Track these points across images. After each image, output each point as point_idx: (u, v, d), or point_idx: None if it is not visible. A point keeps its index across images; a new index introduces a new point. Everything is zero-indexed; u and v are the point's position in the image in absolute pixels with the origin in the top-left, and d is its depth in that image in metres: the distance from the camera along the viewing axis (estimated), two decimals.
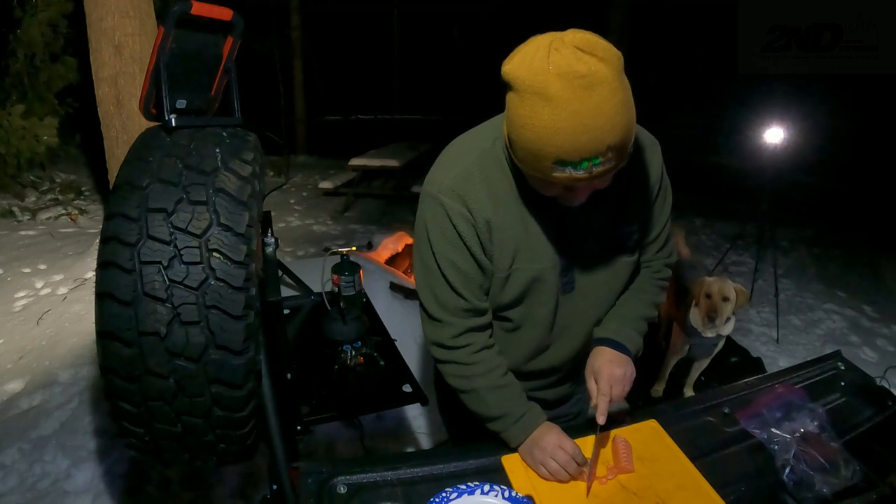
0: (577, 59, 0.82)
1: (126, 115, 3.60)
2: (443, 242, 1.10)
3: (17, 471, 2.26)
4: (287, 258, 4.43)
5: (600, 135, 0.83)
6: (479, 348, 1.17)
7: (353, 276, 1.59)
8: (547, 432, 1.13)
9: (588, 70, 0.81)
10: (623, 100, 0.85)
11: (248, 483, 2.25)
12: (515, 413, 1.15)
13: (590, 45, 0.83)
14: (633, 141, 0.91)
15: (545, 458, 1.10)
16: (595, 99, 0.82)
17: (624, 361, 1.16)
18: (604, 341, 1.19)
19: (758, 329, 3.85)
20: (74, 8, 5.17)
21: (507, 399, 1.17)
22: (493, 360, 1.18)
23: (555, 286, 1.15)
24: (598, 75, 0.82)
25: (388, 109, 9.99)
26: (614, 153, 0.87)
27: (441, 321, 1.15)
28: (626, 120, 0.86)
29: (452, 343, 1.16)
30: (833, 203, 6.66)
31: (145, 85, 1.15)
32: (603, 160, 0.86)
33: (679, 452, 1.15)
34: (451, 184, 1.07)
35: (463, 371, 1.18)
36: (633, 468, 1.11)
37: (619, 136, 0.85)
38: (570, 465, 1.08)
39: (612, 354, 1.17)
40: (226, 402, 0.99)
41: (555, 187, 0.97)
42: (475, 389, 1.17)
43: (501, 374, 1.18)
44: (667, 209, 1.22)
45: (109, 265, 0.92)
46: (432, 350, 1.21)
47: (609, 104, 0.83)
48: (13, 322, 3.39)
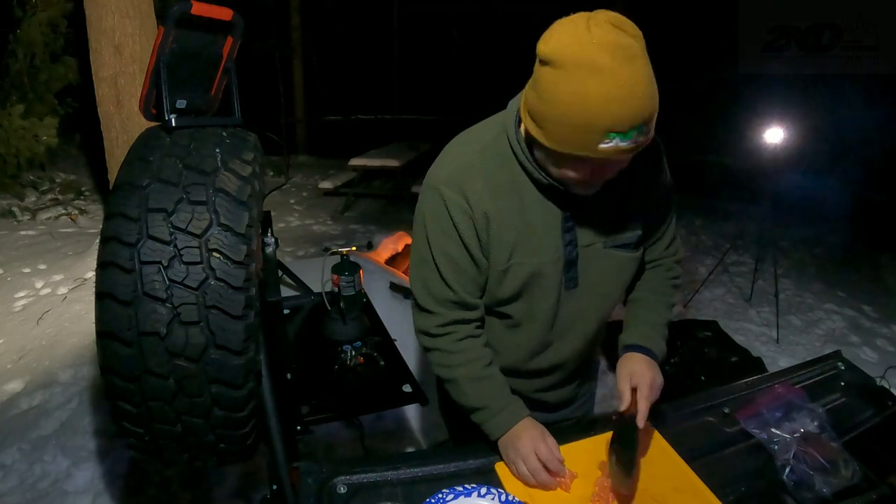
0: (616, 33, 0.85)
1: (126, 115, 3.60)
2: (439, 233, 1.11)
3: (17, 471, 2.26)
4: (287, 258, 4.43)
5: (645, 102, 0.87)
6: (463, 337, 1.17)
7: (353, 276, 1.59)
8: (524, 432, 1.11)
9: (626, 43, 0.85)
10: (653, 74, 0.89)
11: (248, 483, 2.25)
12: (495, 406, 1.15)
13: (620, 22, 0.87)
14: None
15: (517, 460, 1.09)
16: (637, 69, 0.86)
17: (655, 367, 1.16)
18: (635, 347, 1.18)
19: (758, 329, 3.85)
20: (74, 8, 5.17)
21: (488, 391, 1.17)
22: (475, 351, 1.18)
23: (556, 281, 1.14)
24: (634, 48, 0.86)
25: (388, 109, 9.98)
26: (649, 126, 0.90)
27: (429, 311, 1.17)
28: (656, 92, 0.89)
29: (437, 331, 1.17)
30: (833, 203, 6.66)
31: (145, 85, 1.15)
32: (644, 130, 0.89)
33: (674, 454, 1.14)
34: (451, 175, 1.09)
35: (445, 359, 1.18)
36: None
37: (655, 107, 0.89)
38: (540, 473, 1.06)
39: (645, 360, 1.16)
40: (226, 402, 0.99)
41: (584, 169, 0.97)
42: (456, 379, 1.18)
43: (483, 365, 1.18)
44: (671, 206, 1.22)
45: (109, 265, 0.92)
46: (419, 338, 1.22)
47: (647, 75, 0.87)
48: (13, 322, 3.39)
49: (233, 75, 1.25)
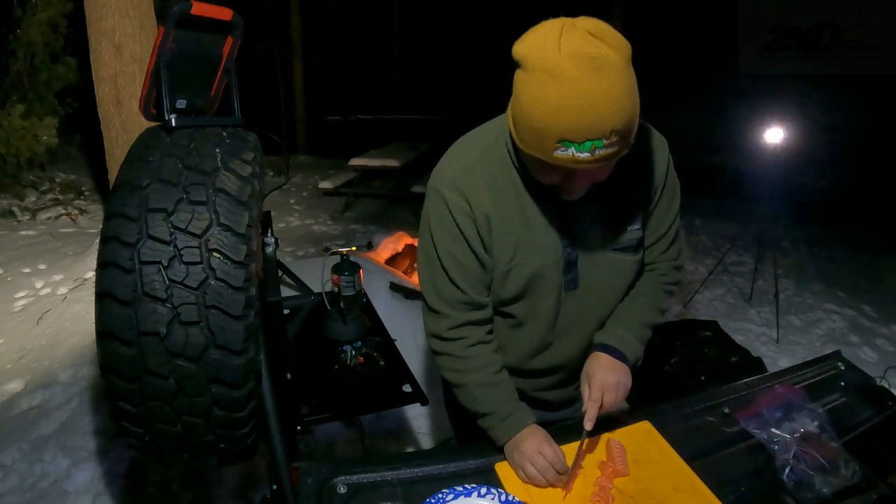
0: (588, 42, 0.84)
1: (126, 115, 3.60)
2: (443, 235, 1.11)
3: (17, 471, 2.26)
4: (287, 258, 4.43)
5: (605, 116, 0.84)
6: (474, 342, 1.17)
7: (353, 276, 1.59)
8: (530, 436, 1.12)
9: (598, 53, 0.83)
10: (629, 87, 0.86)
11: (248, 483, 2.25)
12: (502, 412, 1.15)
13: (600, 31, 0.85)
14: (638, 133, 0.92)
15: (524, 462, 1.09)
16: (603, 81, 0.83)
17: (620, 369, 1.15)
18: (602, 347, 1.18)
19: (758, 329, 3.85)
20: (74, 8, 5.17)
21: (497, 397, 1.17)
22: (486, 357, 1.18)
23: (556, 282, 1.14)
24: (607, 59, 0.83)
25: (388, 109, 9.98)
26: (618, 138, 0.87)
27: (440, 313, 1.17)
28: (631, 106, 0.87)
29: (448, 335, 1.17)
30: (833, 203, 6.66)
31: (145, 85, 1.15)
32: (606, 143, 0.87)
33: (674, 454, 1.14)
34: (453, 178, 1.09)
35: (456, 364, 1.18)
36: (629, 472, 1.10)
37: (623, 121, 0.86)
38: (549, 472, 1.07)
39: (608, 361, 1.15)
40: (226, 402, 0.99)
41: (555, 174, 0.97)
42: (466, 384, 1.18)
43: (494, 371, 1.18)
44: (674, 209, 1.20)
45: (109, 265, 0.92)
46: (430, 341, 1.22)
47: (617, 88, 0.84)
48: (13, 322, 3.39)
49: (233, 75, 1.25)
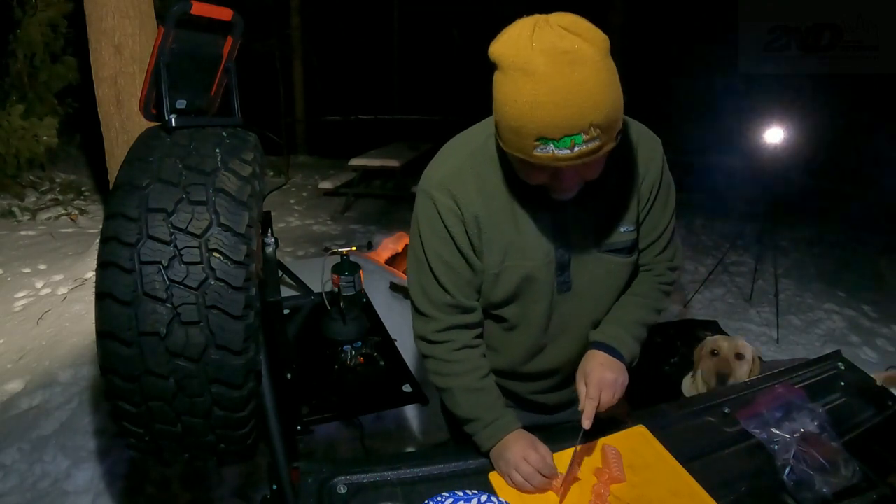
0: (561, 38, 0.83)
1: (126, 115, 3.60)
2: (432, 237, 1.10)
3: (17, 471, 2.26)
4: (287, 258, 4.43)
5: (582, 111, 0.83)
6: (461, 346, 1.16)
7: (353, 276, 1.59)
8: (514, 442, 1.10)
9: (571, 47, 0.82)
10: (607, 80, 0.85)
11: (248, 483, 2.25)
12: (486, 418, 1.13)
13: (574, 26, 0.84)
14: (632, 132, 0.90)
15: (509, 470, 1.08)
16: (577, 76, 0.82)
17: (617, 367, 1.13)
18: (598, 345, 1.16)
19: (758, 329, 3.84)
20: (74, 8, 5.16)
21: (480, 403, 1.15)
22: (472, 362, 1.17)
23: (549, 285, 1.13)
24: (582, 53, 0.82)
25: (388, 109, 9.99)
26: (598, 132, 0.86)
27: (427, 315, 1.16)
28: (610, 99, 0.85)
29: (435, 338, 1.16)
30: (833, 203, 6.65)
31: (145, 85, 1.15)
32: (586, 138, 0.85)
33: (670, 457, 1.13)
34: (442, 179, 1.08)
35: (441, 368, 1.17)
36: (625, 477, 1.08)
37: (602, 114, 0.84)
38: (534, 478, 1.05)
39: (605, 358, 1.14)
40: (226, 402, 0.99)
41: (542, 173, 0.96)
42: (451, 388, 1.17)
43: (480, 376, 1.17)
44: (669, 210, 1.19)
45: (109, 265, 0.92)
46: (417, 344, 1.21)
47: (592, 81, 0.83)
48: (13, 322, 3.39)
49: (233, 75, 1.25)
